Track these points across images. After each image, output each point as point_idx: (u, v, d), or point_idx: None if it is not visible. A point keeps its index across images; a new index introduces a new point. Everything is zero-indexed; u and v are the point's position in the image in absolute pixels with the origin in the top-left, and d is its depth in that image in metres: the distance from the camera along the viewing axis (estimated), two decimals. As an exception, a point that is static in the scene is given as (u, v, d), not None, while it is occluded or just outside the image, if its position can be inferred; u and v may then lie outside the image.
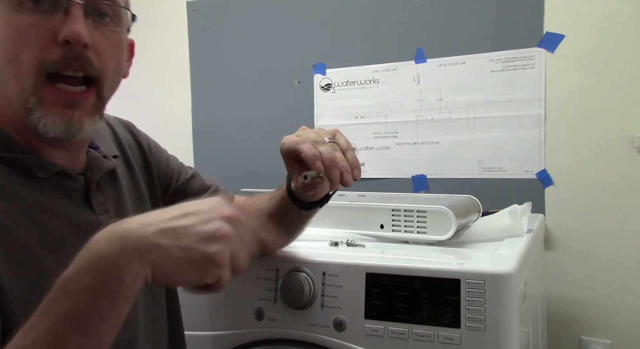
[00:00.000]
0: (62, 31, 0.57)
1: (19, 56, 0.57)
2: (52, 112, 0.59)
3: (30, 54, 0.57)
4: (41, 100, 0.58)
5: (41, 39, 0.57)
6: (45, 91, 0.58)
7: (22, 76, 0.57)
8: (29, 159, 0.60)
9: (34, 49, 0.57)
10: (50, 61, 0.57)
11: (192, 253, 0.48)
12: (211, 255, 0.49)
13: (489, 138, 1.56)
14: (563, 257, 1.49)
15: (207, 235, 0.49)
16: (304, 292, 0.86)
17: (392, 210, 1.03)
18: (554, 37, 1.48)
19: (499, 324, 0.76)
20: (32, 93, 0.57)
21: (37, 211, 0.59)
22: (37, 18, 0.57)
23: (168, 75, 2.02)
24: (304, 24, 1.78)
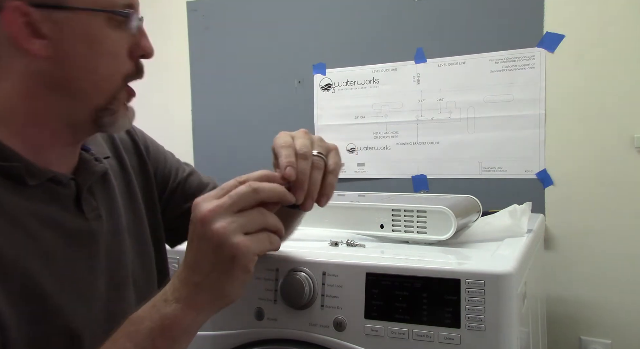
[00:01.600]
0: (143, 47, 0.65)
1: (105, 69, 0.63)
2: (125, 109, 0.67)
3: (114, 68, 0.63)
4: (118, 101, 0.65)
5: (122, 54, 0.64)
6: (120, 94, 0.66)
7: (105, 86, 0.63)
8: (20, 167, 0.59)
9: (117, 63, 0.63)
10: (127, 74, 0.65)
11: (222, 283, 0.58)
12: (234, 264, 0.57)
13: (489, 138, 1.56)
14: (563, 257, 1.49)
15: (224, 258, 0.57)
16: (304, 292, 0.86)
17: (392, 210, 1.03)
18: (554, 37, 1.48)
19: (499, 324, 0.76)
20: (113, 98, 0.64)
21: (28, 221, 0.59)
22: (122, 35, 0.63)
23: (168, 75, 2.02)
24: (304, 24, 1.78)
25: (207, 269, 0.56)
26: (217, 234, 0.55)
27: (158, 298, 0.58)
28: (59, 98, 0.61)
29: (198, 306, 0.57)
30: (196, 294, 0.57)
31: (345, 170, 1.74)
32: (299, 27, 1.79)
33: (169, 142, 2.18)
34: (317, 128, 1.77)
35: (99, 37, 0.61)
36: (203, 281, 0.57)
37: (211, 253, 0.56)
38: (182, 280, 0.57)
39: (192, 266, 0.57)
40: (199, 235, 0.57)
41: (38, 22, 0.57)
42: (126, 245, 0.72)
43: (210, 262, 0.56)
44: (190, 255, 0.58)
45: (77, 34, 0.59)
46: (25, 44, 0.57)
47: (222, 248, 0.55)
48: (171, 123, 2.02)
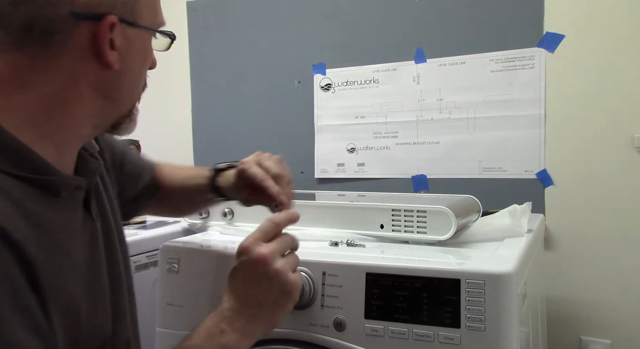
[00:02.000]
0: (154, 62, 0.72)
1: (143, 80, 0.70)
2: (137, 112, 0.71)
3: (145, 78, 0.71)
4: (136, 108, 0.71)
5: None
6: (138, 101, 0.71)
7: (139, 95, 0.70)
8: (57, 181, 0.60)
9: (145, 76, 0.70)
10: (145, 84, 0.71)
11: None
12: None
13: (489, 138, 1.56)
14: (563, 257, 1.49)
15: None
16: (304, 292, 0.86)
17: (392, 210, 1.03)
18: (554, 37, 1.48)
19: (499, 324, 0.76)
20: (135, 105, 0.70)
21: (60, 236, 0.60)
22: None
23: (168, 75, 2.02)
24: (304, 24, 1.78)
25: (266, 303, 0.67)
26: (277, 273, 0.67)
27: (212, 329, 0.65)
28: (100, 106, 0.63)
29: (253, 334, 0.66)
30: (253, 324, 0.66)
31: (345, 170, 1.75)
32: (299, 27, 1.79)
33: (169, 142, 2.20)
34: (317, 128, 1.77)
35: (148, 53, 0.68)
36: (260, 313, 0.67)
37: (270, 289, 0.67)
38: (237, 312, 0.66)
39: (251, 301, 0.66)
40: (260, 273, 0.66)
41: (116, 35, 0.60)
42: (116, 241, 0.74)
43: (270, 296, 0.67)
44: (247, 290, 0.67)
45: (138, 49, 0.65)
46: (107, 55, 0.60)
47: (283, 285, 0.67)
48: (171, 123, 2.02)
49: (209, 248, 1.02)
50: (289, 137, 1.82)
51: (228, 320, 0.65)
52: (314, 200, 1.32)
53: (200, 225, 1.26)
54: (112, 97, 0.64)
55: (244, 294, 0.67)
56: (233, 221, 1.21)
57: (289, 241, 0.72)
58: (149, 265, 1.33)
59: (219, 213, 1.21)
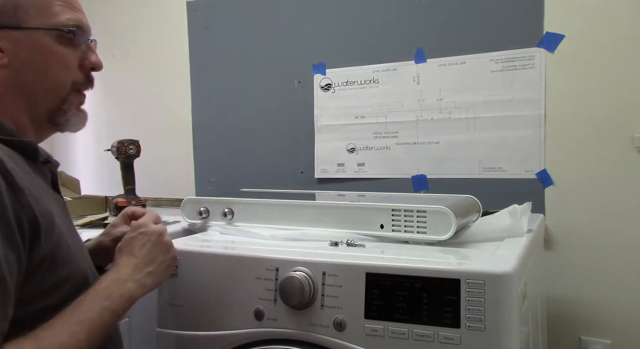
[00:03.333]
0: (92, 61, 0.84)
1: (58, 77, 0.80)
2: (78, 111, 0.84)
3: (65, 77, 0.81)
4: (70, 103, 0.82)
5: (73, 66, 0.82)
6: (71, 97, 0.82)
7: (59, 90, 0.80)
8: (33, 143, 0.77)
9: (68, 73, 0.81)
10: (78, 82, 0.83)
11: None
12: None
13: (489, 138, 1.56)
14: (563, 257, 1.49)
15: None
16: (304, 292, 0.86)
17: (392, 210, 1.03)
18: (554, 37, 1.48)
19: (499, 324, 0.76)
20: (64, 100, 0.81)
21: (41, 188, 0.75)
22: (70, 50, 0.80)
23: (168, 75, 2.02)
24: (304, 24, 1.78)
25: (158, 263, 0.85)
26: (168, 243, 0.88)
27: (118, 276, 0.79)
28: (21, 100, 0.78)
29: (146, 285, 0.82)
30: (147, 277, 0.82)
31: (345, 170, 1.75)
32: (299, 27, 1.79)
33: (169, 142, 2.20)
34: (317, 128, 1.77)
35: (49, 50, 0.78)
36: (154, 270, 0.84)
37: (162, 253, 0.86)
38: (136, 267, 0.82)
39: (147, 260, 0.84)
40: (155, 241, 0.86)
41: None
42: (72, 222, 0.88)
43: (161, 259, 0.86)
44: (144, 253, 0.84)
45: (30, 48, 0.77)
46: None
47: (170, 251, 0.88)
48: (171, 123, 2.02)
49: (208, 248, 1.02)
50: (289, 137, 1.82)
51: (129, 273, 0.80)
52: (314, 200, 1.32)
53: (200, 225, 1.26)
54: (26, 91, 0.78)
55: (141, 255, 0.83)
56: (233, 221, 1.21)
57: (166, 228, 0.92)
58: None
59: (219, 213, 1.21)
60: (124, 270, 0.81)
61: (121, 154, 1.69)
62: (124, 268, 0.81)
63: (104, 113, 2.06)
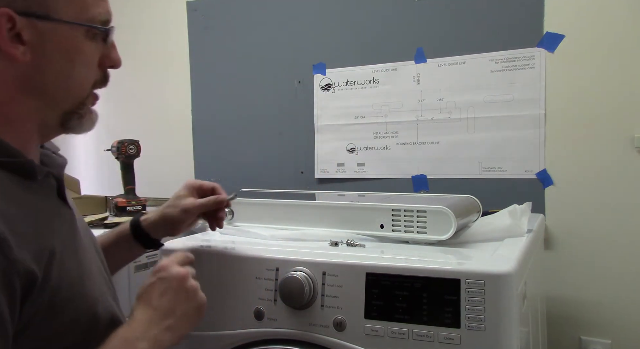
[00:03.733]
0: (113, 59, 0.72)
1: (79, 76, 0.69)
2: (91, 112, 0.73)
3: (86, 76, 0.70)
4: (86, 105, 0.71)
5: (94, 64, 0.70)
6: (88, 98, 0.72)
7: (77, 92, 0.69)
8: (31, 163, 0.65)
9: (90, 71, 0.70)
10: (96, 81, 0.72)
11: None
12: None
13: (489, 138, 1.56)
14: (563, 257, 1.49)
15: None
16: (304, 292, 0.86)
17: (392, 210, 1.03)
18: (554, 37, 1.48)
19: (499, 324, 0.76)
20: (81, 102, 0.70)
21: (41, 215, 0.65)
22: (95, 46, 0.69)
23: (168, 75, 2.02)
24: (304, 24, 1.78)
25: (179, 314, 0.71)
26: (192, 289, 0.74)
27: (128, 335, 0.67)
28: (32, 102, 0.66)
29: (163, 344, 0.69)
30: (164, 333, 0.69)
31: (345, 170, 1.75)
32: (299, 27, 1.79)
33: (169, 142, 2.20)
34: (317, 128, 1.77)
35: (77, 48, 0.67)
36: (172, 323, 0.70)
37: (185, 303, 0.73)
38: (152, 321, 0.69)
39: (166, 312, 0.71)
40: (177, 288, 0.72)
41: (22, 29, 0.61)
42: (85, 226, 0.80)
43: (183, 309, 0.72)
44: (163, 302, 0.71)
45: (57, 43, 0.65)
46: (8, 48, 0.61)
47: (195, 299, 0.74)
48: (171, 123, 2.02)
49: (208, 248, 1.02)
50: (289, 137, 1.82)
51: (143, 329, 0.68)
52: (314, 200, 1.32)
53: (200, 225, 1.26)
54: (42, 94, 0.66)
55: (159, 306, 0.71)
56: (233, 222, 1.21)
57: (194, 271, 0.78)
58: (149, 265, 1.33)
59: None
60: (136, 326, 0.69)
61: (121, 154, 1.69)
62: (136, 323, 0.69)
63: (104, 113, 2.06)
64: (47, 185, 0.70)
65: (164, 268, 0.74)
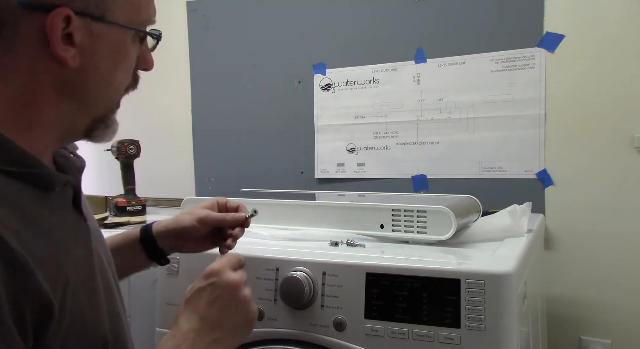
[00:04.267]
0: (148, 61, 0.67)
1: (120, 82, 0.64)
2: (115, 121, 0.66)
3: (125, 81, 0.65)
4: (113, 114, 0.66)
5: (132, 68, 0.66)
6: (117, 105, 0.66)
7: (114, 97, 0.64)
8: (49, 173, 0.58)
9: (128, 76, 0.65)
10: (128, 86, 0.66)
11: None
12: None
13: (489, 138, 1.56)
14: (563, 257, 1.49)
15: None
16: (304, 292, 0.86)
17: (392, 210, 1.03)
18: (554, 37, 1.48)
19: (499, 324, 0.76)
20: (114, 108, 0.65)
21: (57, 233, 0.58)
22: (135, 50, 0.64)
23: (168, 75, 2.02)
24: (304, 24, 1.78)
25: (229, 327, 0.66)
26: (245, 300, 0.68)
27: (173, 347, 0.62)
28: (66, 107, 0.59)
29: None
30: (212, 347, 0.64)
31: (345, 170, 1.74)
32: (299, 27, 1.79)
33: (169, 142, 2.20)
34: (317, 128, 1.77)
35: (124, 52, 0.62)
36: (221, 337, 0.65)
37: (235, 315, 0.67)
38: (199, 333, 0.64)
39: (214, 323, 0.65)
40: (229, 297, 0.67)
41: (75, 29, 0.56)
42: (102, 237, 0.73)
43: (233, 322, 0.67)
44: (213, 312, 0.66)
45: (108, 48, 0.60)
46: (60, 50, 0.55)
47: (247, 312, 0.68)
48: (171, 123, 2.02)
49: (209, 248, 1.02)
50: (289, 137, 1.82)
51: (190, 341, 0.63)
52: (314, 200, 1.32)
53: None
54: (80, 99, 0.60)
55: (207, 316, 0.65)
56: (233, 221, 1.20)
57: (245, 277, 0.72)
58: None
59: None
60: (180, 336, 0.63)
61: (121, 154, 1.69)
62: (181, 333, 0.63)
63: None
64: (64, 196, 0.62)
65: (216, 272, 0.68)
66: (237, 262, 0.71)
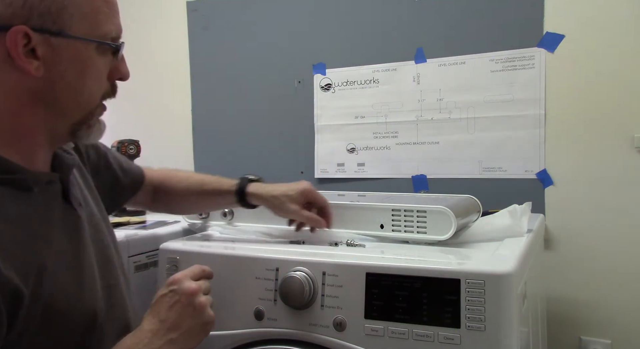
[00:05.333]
0: (122, 72, 0.75)
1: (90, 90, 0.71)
2: (99, 122, 0.75)
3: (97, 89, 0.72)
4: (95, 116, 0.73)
5: (104, 77, 0.73)
6: (97, 110, 0.74)
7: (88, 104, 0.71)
8: (27, 178, 0.67)
9: (100, 84, 0.72)
10: (105, 93, 0.74)
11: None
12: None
13: (489, 138, 1.56)
14: (563, 257, 1.49)
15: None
16: (304, 292, 0.86)
17: (392, 210, 1.03)
18: (554, 37, 1.48)
19: (499, 324, 0.76)
20: (90, 114, 0.72)
21: (38, 227, 0.67)
22: (106, 61, 0.72)
23: (168, 75, 2.02)
24: (304, 24, 1.78)
25: (185, 329, 0.73)
26: (200, 305, 0.74)
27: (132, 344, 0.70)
28: (43, 114, 0.68)
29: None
30: (168, 346, 0.71)
31: (345, 170, 1.74)
32: (299, 27, 1.79)
33: (169, 142, 2.20)
34: (317, 128, 1.77)
35: (88, 62, 0.69)
36: (177, 338, 0.72)
37: (191, 318, 0.73)
38: (156, 333, 0.71)
39: (171, 325, 0.72)
40: (185, 303, 0.73)
41: (36, 44, 0.64)
42: (102, 226, 0.82)
43: (189, 324, 0.73)
44: (170, 316, 0.73)
45: (70, 59, 0.67)
46: (23, 63, 0.63)
47: (202, 316, 0.74)
48: (171, 123, 2.01)
49: (208, 248, 1.02)
50: (289, 137, 1.82)
51: (147, 340, 0.70)
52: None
53: (200, 225, 1.26)
54: (53, 106, 0.68)
55: (166, 319, 0.72)
56: (233, 221, 1.21)
57: (208, 286, 0.80)
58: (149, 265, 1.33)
59: (219, 213, 1.21)
60: (141, 336, 0.71)
61: (121, 154, 1.69)
62: (142, 333, 0.71)
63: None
64: (50, 192, 0.71)
65: (176, 281, 0.76)
66: (200, 273, 0.79)
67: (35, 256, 0.63)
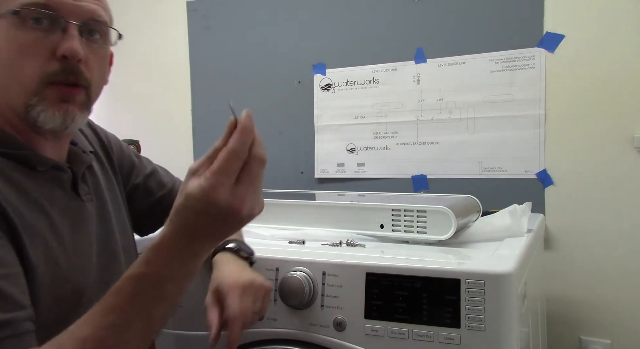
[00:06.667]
0: (61, 48, 0.67)
1: (22, 67, 0.67)
2: (52, 106, 0.68)
3: (32, 67, 0.67)
4: (42, 98, 0.68)
5: (42, 54, 0.67)
6: (46, 91, 0.68)
7: (25, 82, 0.67)
8: (30, 154, 0.69)
9: (36, 62, 0.67)
10: (51, 72, 0.67)
11: None
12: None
13: (489, 138, 1.56)
14: (563, 257, 1.49)
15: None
16: (304, 292, 0.86)
17: (392, 210, 1.03)
18: (554, 37, 1.48)
19: (499, 324, 0.76)
20: (34, 94, 0.67)
21: (40, 201, 0.69)
22: (37, 35, 0.66)
23: (168, 75, 2.02)
24: (304, 24, 1.78)
25: (217, 237, 0.62)
26: (246, 220, 0.62)
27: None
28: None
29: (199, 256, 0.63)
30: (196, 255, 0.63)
31: (345, 170, 1.74)
32: (299, 27, 1.79)
33: (169, 142, 2.20)
34: (317, 128, 1.77)
35: (9, 37, 0.66)
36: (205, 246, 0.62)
37: (232, 228, 0.62)
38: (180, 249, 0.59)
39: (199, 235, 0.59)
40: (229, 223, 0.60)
41: None
42: (112, 225, 0.83)
43: (223, 232, 0.62)
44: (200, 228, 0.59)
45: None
46: None
47: (243, 223, 0.61)
48: (171, 123, 2.02)
49: (209, 248, 1.02)
50: (289, 137, 1.82)
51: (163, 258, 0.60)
52: (314, 200, 1.32)
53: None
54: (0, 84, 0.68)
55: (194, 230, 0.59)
56: (233, 221, 1.20)
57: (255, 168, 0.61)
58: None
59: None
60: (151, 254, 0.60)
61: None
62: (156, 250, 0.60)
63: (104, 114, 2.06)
64: (56, 177, 0.73)
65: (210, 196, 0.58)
66: (234, 168, 0.62)
67: (32, 220, 0.65)
